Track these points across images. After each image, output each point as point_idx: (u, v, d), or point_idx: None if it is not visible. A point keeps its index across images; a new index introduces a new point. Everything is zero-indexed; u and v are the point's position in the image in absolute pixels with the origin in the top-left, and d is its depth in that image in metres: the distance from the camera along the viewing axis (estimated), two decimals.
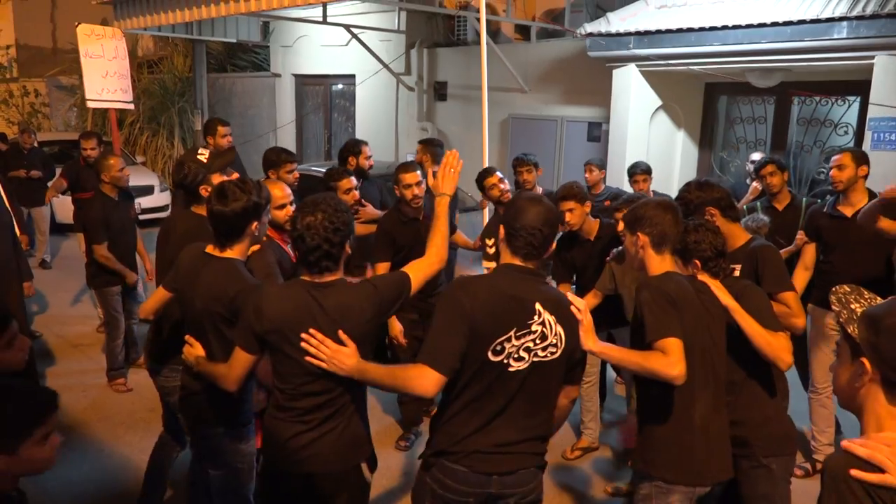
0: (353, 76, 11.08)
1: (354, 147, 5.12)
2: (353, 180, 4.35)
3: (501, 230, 2.24)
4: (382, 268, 4.06)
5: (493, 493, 2.16)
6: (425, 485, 2.22)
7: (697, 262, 2.56)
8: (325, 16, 9.45)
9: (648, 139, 7.52)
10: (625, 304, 3.77)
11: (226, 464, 2.67)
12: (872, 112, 5.68)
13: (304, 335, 2.17)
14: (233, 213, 2.44)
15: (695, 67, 6.62)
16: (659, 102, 7.50)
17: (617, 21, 7.04)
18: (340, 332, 2.18)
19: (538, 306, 2.13)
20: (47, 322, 6.36)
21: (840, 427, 4.34)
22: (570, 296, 2.20)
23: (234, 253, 2.52)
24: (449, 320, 2.09)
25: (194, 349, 2.52)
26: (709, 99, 7.81)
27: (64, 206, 9.76)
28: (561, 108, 8.64)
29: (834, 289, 1.51)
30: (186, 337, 2.57)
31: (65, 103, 14.99)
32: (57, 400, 1.82)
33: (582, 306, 2.15)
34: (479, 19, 5.37)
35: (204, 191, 3.12)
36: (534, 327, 2.11)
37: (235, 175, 3.14)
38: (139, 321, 5.21)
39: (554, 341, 2.14)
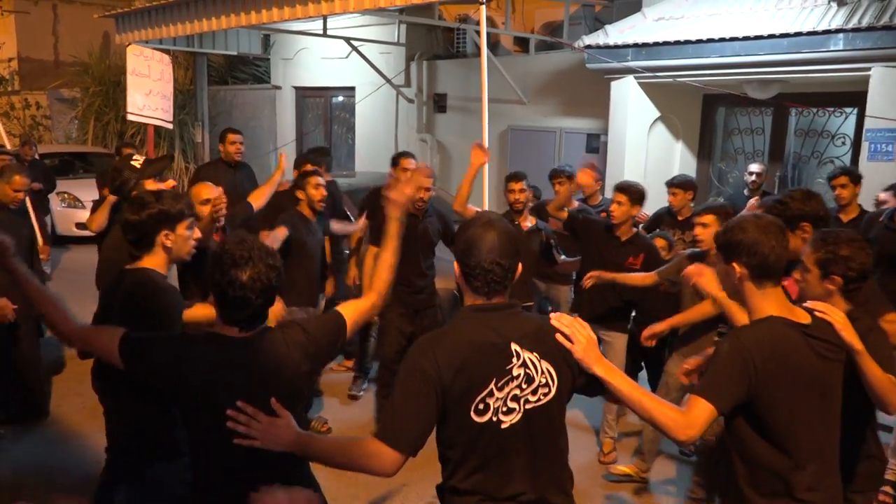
0: (353, 88, 11.13)
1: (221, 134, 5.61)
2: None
3: (456, 268, 1.94)
4: (372, 250, 4.41)
5: None
6: None
7: (838, 279, 2.25)
8: (325, 29, 9.51)
9: (647, 150, 7.55)
10: (682, 302, 3.80)
11: None
12: (869, 123, 5.71)
13: (230, 412, 1.86)
14: (137, 222, 2.38)
15: (693, 79, 6.66)
16: (657, 114, 7.54)
17: (615, 33, 7.09)
18: (273, 402, 1.90)
19: (514, 347, 1.86)
20: (50, 333, 6.35)
21: None
22: (556, 320, 1.92)
23: (148, 264, 2.42)
24: (409, 390, 1.83)
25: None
26: (707, 110, 7.85)
27: (64, 218, 9.80)
28: (560, 120, 8.68)
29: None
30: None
31: (66, 116, 15.04)
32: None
33: (568, 329, 1.89)
34: (478, 32, 5.41)
35: None
36: (514, 371, 1.85)
37: (171, 183, 3.18)
38: None
39: (543, 380, 1.87)
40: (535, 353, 1.87)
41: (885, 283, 3.82)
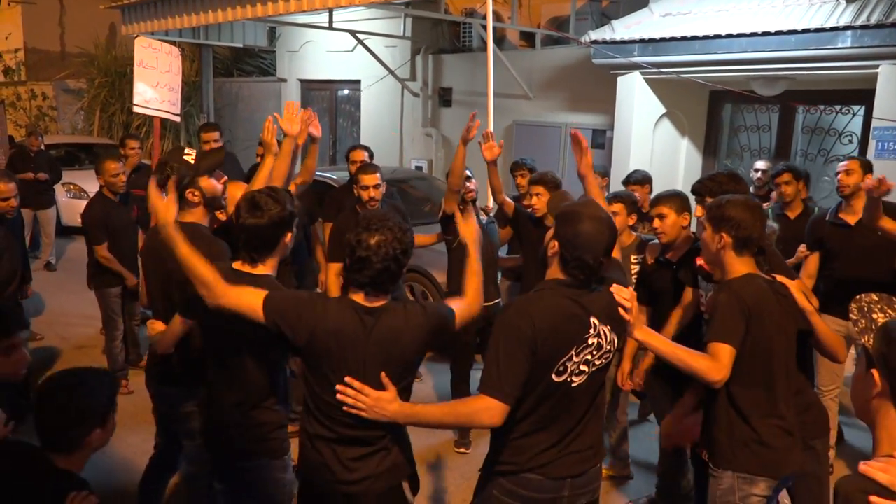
0: (358, 81, 11.12)
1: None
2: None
3: (555, 245, 2.13)
4: (335, 268, 4.12)
5: (566, 495, 2.16)
6: (493, 499, 2.17)
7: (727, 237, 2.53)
8: (331, 21, 9.49)
9: (652, 147, 7.53)
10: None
11: (266, 496, 2.49)
12: (877, 121, 5.69)
13: (339, 387, 2.05)
14: (268, 225, 2.27)
15: (699, 76, 6.63)
16: (663, 110, 7.51)
17: (621, 29, 7.07)
18: (382, 376, 2.07)
19: (593, 319, 2.10)
20: (51, 324, 6.38)
21: (843, 435, 4.32)
22: (617, 292, 2.13)
23: (267, 269, 2.35)
24: (510, 348, 2.02)
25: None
26: (713, 107, 7.82)
27: (70, 209, 9.83)
28: (565, 115, 8.65)
29: (858, 297, 1.50)
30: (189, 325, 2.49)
31: (72, 107, 15.07)
32: (23, 320, 2.06)
33: (627, 301, 2.12)
34: (484, 26, 5.40)
35: (191, 195, 2.78)
36: (590, 340, 2.10)
37: (224, 178, 2.91)
38: (140, 323, 5.25)
39: (608, 348, 2.15)
40: (607, 326, 2.14)
41: (841, 277, 3.95)
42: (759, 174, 5.75)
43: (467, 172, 4.40)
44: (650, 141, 7.51)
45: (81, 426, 1.98)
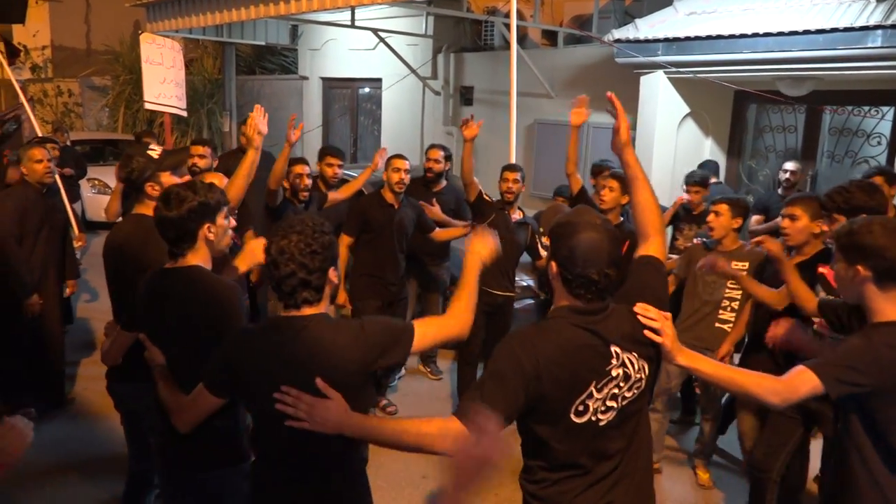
0: (379, 80, 11.13)
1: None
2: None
3: (554, 266, 1.87)
4: (345, 240, 4.49)
5: None
6: None
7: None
8: (353, 20, 9.51)
9: (675, 147, 7.45)
10: (683, 301, 3.96)
11: None
12: None
13: (276, 395, 1.86)
14: (178, 217, 2.26)
15: (724, 75, 6.55)
16: (687, 110, 7.43)
17: (645, 27, 7.00)
18: (318, 381, 1.85)
19: (614, 348, 1.84)
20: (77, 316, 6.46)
21: None
22: (643, 312, 1.89)
23: (195, 260, 2.33)
24: (501, 377, 1.77)
25: (153, 354, 2.32)
26: (738, 107, 7.72)
27: (94, 204, 9.94)
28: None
29: None
30: (141, 338, 2.36)
31: (97, 103, 15.26)
32: None
33: (658, 323, 1.88)
34: (506, 24, 5.38)
35: (151, 188, 2.86)
36: (613, 372, 1.83)
37: (188, 177, 2.90)
38: None
39: (638, 377, 1.87)
40: (633, 354, 1.87)
41: None
42: (787, 175, 5.66)
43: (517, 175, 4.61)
44: (673, 141, 7.43)
45: None
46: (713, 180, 6.40)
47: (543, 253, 4.72)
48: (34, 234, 4.36)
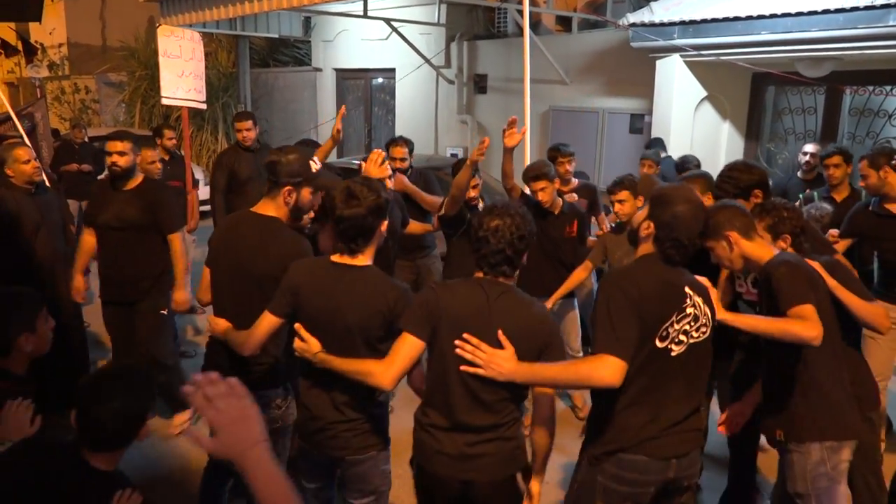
0: (393, 70, 11.11)
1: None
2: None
3: (650, 226, 2.20)
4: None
5: (671, 477, 2.16)
6: (595, 484, 2.18)
7: (788, 236, 2.68)
8: (365, 10, 9.49)
9: (693, 131, 7.37)
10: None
11: (375, 490, 2.51)
12: None
13: (457, 342, 2.11)
14: (366, 214, 2.28)
15: (741, 57, 6.46)
16: (704, 93, 7.34)
17: (661, 10, 6.91)
18: (500, 334, 2.11)
19: (687, 290, 2.17)
20: (95, 313, 6.50)
21: (893, 425, 4.21)
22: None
23: (367, 258, 2.36)
24: (620, 309, 2.07)
25: (310, 343, 2.31)
26: (756, 89, 7.62)
27: None
28: (602, 100, 8.52)
29: None
30: (297, 326, 2.35)
31: (113, 99, 15.36)
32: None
33: (706, 280, 2.28)
34: (520, 11, 5.34)
35: (289, 193, 2.70)
36: (688, 310, 2.15)
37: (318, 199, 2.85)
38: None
39: (704, 321, 2.19)
40: (700, 298, 2.20)
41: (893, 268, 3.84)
42: (807, 157, 5.59)
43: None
44: (690, 125, 7.35)
45: (129, 428, 1.98)
46: (662, 154, 6.61)
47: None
48: (32, 236, 4.20)
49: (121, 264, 4.10)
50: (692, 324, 2.16)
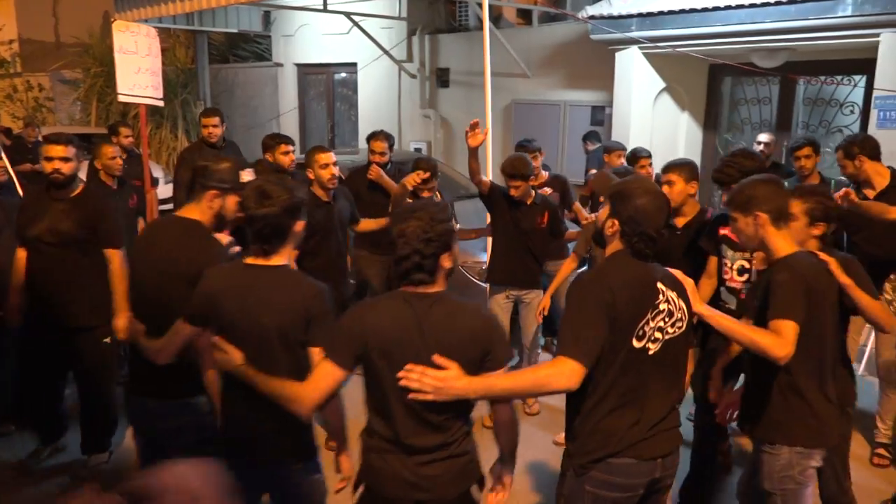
0: (354, 64, 11.04)
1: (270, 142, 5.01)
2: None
3: (615, 224, 2.15)
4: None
5: (658, 477, 2.16)
6: (584, 493, 2.14)
7: (823, 225, 2.68)
8: (325, 3, 9.40)
9: (652, 122, 7.48)
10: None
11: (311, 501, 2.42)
12: (878, 91, 5.63)
13: (400, 374, 1.96)
14: (279, 213, 2.21)
15: (698, 49, 6.57)
16: (662, 85, 7.45)
17: (619, 3, 6.99)
18: (436, 357, 1.97)
19: (660, 285, 2.14)
20: None
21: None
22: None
23: (282, 258, 2.29)
24: (587, 311, 2.02)
25: (231, 355, 2.21)
26: (713, 80, 7.76)
27: None
28: (564, 93, 8.59)
29: (894, 276, 1.61)
30: (216, 339, 2.25)
31: (68, 97, 14.99)
32: None
33: (680, 273, 2.24)
34: (480, 4, 5.34)
35: (213, 197, 2.66)
36: (661, 306, 2.12)
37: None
38: None
39: (679, 316, 2.16)
40: (674, 292, 2.17)
41: (864, 251, 3.91)
42: (762, 147, 5.71)
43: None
44: (650, 116, 7.45)
45: None
46: (596, 145, 6.86)
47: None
48: None
49: (54, 285, 3.59)
50: (666, 319, 2.13)
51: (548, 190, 5.04)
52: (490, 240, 4.69)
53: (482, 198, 4.49)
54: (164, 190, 10.53)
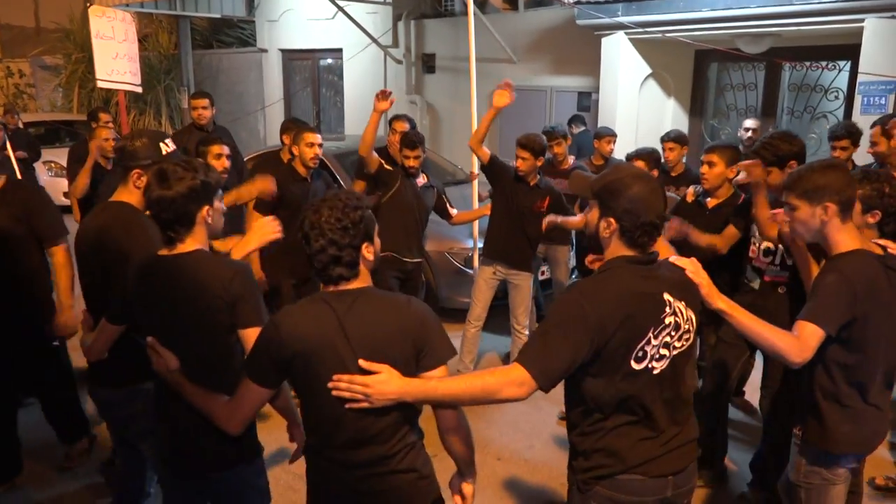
0: (340, 50, 10.95)
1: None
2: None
3: (612, 223, 1.92)
4: (255, 217, 4.08)
5: (669, 495, 2.01)
6: None
7: (879, 213, 2.47)
8: None
9: (638, 108, 7.48)
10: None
11: None
12: (862, 76, 5.66)
13: (330, 385, 1.81)
14: (177, 197, 2.05)
15: (684, 34, 6.56)
16: (648, 70, 7.45)
17: None
18: (361, 362, 1.80)
19: (666, 296, 1.93)
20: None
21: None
22: (676, 259, 2.04)
23: (194, 243, 2.13)
24: (565, 328, 1.83)
25: (166, 359, 2.09)
26: (699, 66, 7.76)
27: (53, 187, 9.69)
28: (550, 79, 8.57)
29: None
30: (150, 342, 2.11)
31: (50, 83, 14.80)
32: None
33: (693, 267, 2.02)
34: None
35: (137, 177, 2.59)
36: (667, 320, 1.92)
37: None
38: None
39: (687, 327, 1.97)
40: (682, 302, 1.97)
41: None
42: (749, 133, 5.73)
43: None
44: (636, 102, 7.46)
45: None
46: (581, 128, 6.91)
47: (454, 211, 4.81)
48: None
49: None
50: (673, 334, 1.94)
51: (565, 184, 4.95)
52: (475, 224, 4.68)
53: (484, 169, 4.51)
54: None
